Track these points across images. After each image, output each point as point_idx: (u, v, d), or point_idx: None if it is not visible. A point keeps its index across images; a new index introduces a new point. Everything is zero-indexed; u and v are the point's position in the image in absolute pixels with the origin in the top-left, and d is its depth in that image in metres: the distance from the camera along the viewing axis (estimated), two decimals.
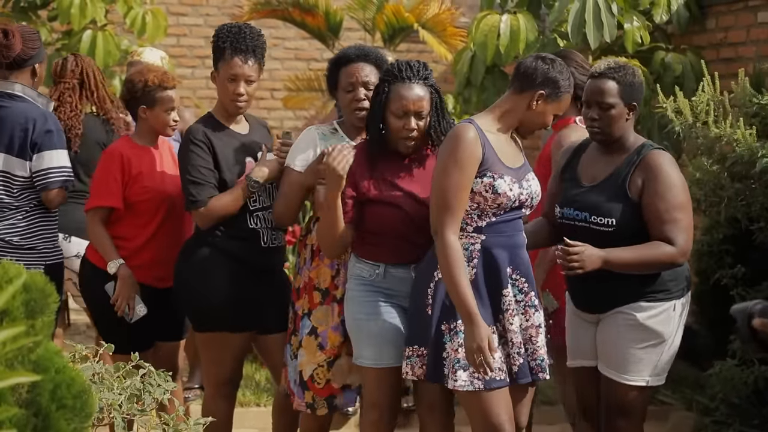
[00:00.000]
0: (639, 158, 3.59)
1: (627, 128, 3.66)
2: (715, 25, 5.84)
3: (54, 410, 2.23)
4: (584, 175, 3.71)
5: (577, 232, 3.59)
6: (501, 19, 5.57)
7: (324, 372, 3.82)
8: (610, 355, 3.67)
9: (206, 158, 3.88)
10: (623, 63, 3.73)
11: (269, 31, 9.29)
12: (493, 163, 3.43)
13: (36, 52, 4.24)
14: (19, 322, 2.18)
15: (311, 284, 3.87)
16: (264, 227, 3.96)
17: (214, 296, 3.89)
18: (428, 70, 3.67)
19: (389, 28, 7.60)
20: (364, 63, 3.80)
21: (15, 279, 2.18)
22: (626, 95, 3.61)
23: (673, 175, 3.56)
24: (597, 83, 3.64)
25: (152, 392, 3.16)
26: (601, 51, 5.72)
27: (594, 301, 3.70)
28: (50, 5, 6.97)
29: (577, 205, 3.65)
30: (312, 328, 3.83)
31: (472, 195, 3.42)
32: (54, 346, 2.37)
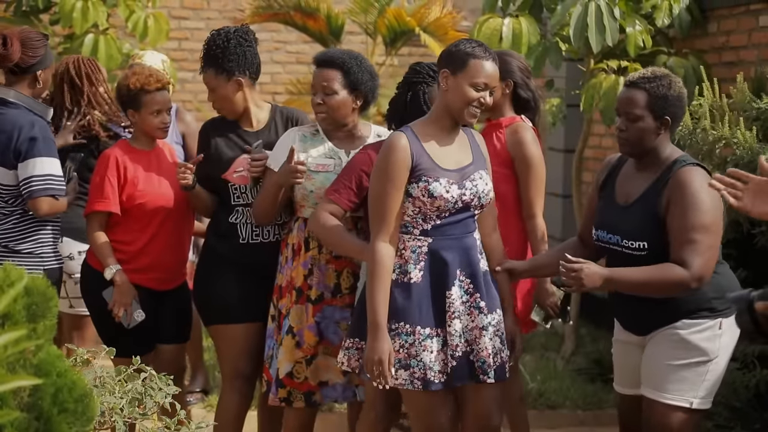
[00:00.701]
0: (670, 175, 3.39)
1: (660, 143, 3.44)
2: (716, 29, 5.83)
3: (55, 414, 2.23)
4: (619, 193, 3.52)
5: (611, 256, 3.49)
6: (503, 23, 5.57)
7: (303, 368, 3.90)
8: (650, 373, 3.49)
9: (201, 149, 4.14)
10: (662, 73, 3.47)
11: (271, 35, 9.31)
12: (427, 167, 3.46)
13: (38, 59, 4.20)
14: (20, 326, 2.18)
15: (291, 284, 3.94)
16: (244, 222, 4.06)
17: (211, 290, 4.08)
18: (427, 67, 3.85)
19: (391, 32, 7.59)
20: (325, 69, 3.90)
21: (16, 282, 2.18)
22: (657, 107, 3.40)
23: (701, 194, 3.31)
24: (626, 92, 3.45)
25: (154, 396, 3.16)
26: (603, 55, 5.72)
27: (638, 321, 3.55)
28: (52, 9, 6.97)
29: (609, 228, 3.49)
30: (289, 326, 3.91)
31: (412, 200, 3.47)
32: (55, 349, 2.37)
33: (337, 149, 3.93)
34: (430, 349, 3.47)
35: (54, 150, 4.21)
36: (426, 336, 3.48)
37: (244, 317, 4.06)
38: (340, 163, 3.90)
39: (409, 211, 3.49)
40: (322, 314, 3.88)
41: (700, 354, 3.44)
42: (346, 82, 3.87)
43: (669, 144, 3.48)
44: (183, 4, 9.28)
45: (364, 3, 7.67)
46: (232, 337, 4.05)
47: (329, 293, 3.89)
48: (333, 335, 3.89)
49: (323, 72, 3.88)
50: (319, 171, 3.89)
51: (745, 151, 4.40)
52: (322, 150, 3.93)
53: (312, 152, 3.92)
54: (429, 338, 3.48)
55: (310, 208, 3.91)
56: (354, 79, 3.87)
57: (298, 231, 3.95)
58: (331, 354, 3.88)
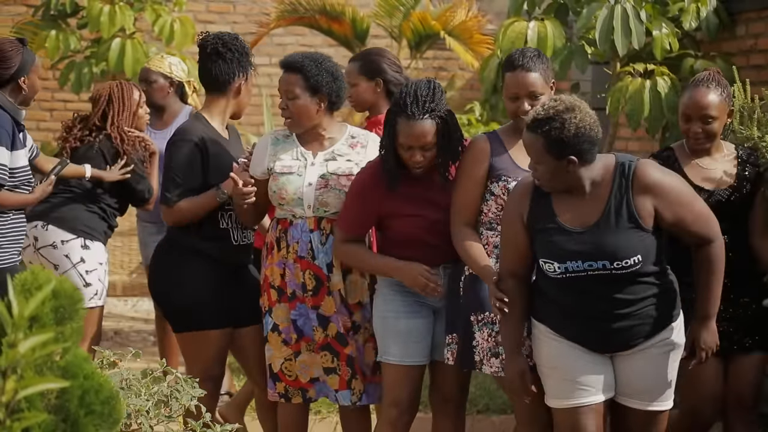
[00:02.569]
0: (628, 184, 3.30)
1: (582, 173, 3.29)
2: (744, 31, 5.79)
3: (82, 416, 2.24)
4: (566, 220, 3.33)
5: (594, 282, 3.31)
6: (528, 26, 5.55)
7: (292, 365, 3.93)
8: (649, 388, 3.42)
9: (195, 162, 4.00)
10: (554, 111, 3.25)
11: (296, 38, 9.32)
12: (506, 167, 3.62)
13: (12, 69, 4.28)
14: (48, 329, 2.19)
15: (267, 282, 3.98)
16: (234, 227, 4.09)
17: (193, 296, 4.01)
18: (436, 98, 3.67)
19: (416, 36, 7.59)
20: (286, 73, 3.93)
21: (44, 285, 2.18)
22: (555, 150, 3.24)
23: (670, 178, 3.38)
24: (526, 137, 3.31)
25: (179, 398, 3.17)
26: (629, 58, 5.68)
27: (619, 343, 3.40)
28: (80, 14, 7.01)
29: (584, 256, 3.28)
30: (274, 324, 3.94)
31: (494, 198, 3.64)
32: (82, 352, 2.37)
33: (305, 151, 3.95)
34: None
35: (6, 142, 4.20)
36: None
37: (223, 323, 4.06)
38: (305, 164, 3.91)
39: (493, 208, 3.64)
40: (297, 311, 3.92)
41: (680, 349, 3.46)
42: (307, 86, 3.87)
43: (596, 163, 3.32)
44: (209, 8, 9.31)
45: (389, 6, 7.67)
46: (210, 342, 4.03)
47: (300, 291, 3.92)
48: (310, 330, 3.91)
49: (285, 76, 3.92)
50: (284, 173, 3.91)
51: None
52: (290, 152, 3.95)
53: (281, 155, 3.94)
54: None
55: (283, 209, 3.94)
56: (314, 82, 3.87)
57: (271, 230, 4.02)
58: (313, 350, 3.90)
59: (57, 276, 2.36)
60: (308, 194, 3.89)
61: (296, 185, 3.90)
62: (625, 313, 3.34)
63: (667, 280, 3.42)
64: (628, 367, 3.42)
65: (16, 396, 1.93)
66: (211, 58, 4.04)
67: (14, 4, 8.83)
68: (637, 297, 3.34)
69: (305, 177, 3.90)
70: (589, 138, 3.25)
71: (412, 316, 3.77)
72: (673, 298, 3.43)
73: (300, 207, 3.90)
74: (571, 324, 3.40)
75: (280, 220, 3.97)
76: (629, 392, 3.45)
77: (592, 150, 3.28)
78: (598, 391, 3.41)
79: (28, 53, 4.37)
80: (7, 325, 1.94)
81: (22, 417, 1.97)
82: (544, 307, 3.43)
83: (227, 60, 4.03)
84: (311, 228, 3.90)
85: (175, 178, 4.00)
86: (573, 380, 3.39)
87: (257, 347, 4.09)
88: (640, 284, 3.34)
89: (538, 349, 3.47)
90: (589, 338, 3.39)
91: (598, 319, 3.35)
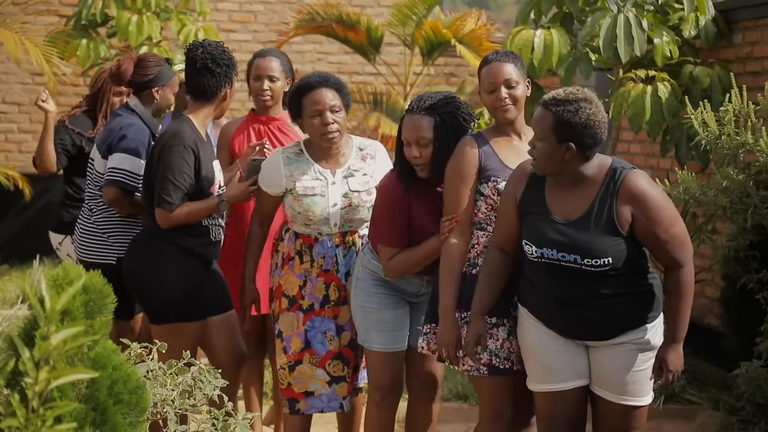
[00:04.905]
0: (617, 188, 3.25)
1: (576, 164, 3.25)
2: (741, 39, 5.76)
3: (111, 405, 2.25)
4: (554, 209, 3.31)
5: (564, 272, 3.29)
6: (535, 34, 5.54)
7: (286, 374, 3.92)
8: (622, 383, 3.36)
9: (191, 166, 3.95)
10: (574, 96, 3.23)
11: (314, 46, 9.33)
12: (496, 167, 3.54)
13: (149, 77, 4.39)
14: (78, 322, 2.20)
15: (280, 290, 3.97)
16: (214, 224, 4.08)
17: (173, 289, 3.96)
18: (440, 100, 3.65)
19: (428, 43, 7.59)
20: (326, 88, 3.83)
21: (75, 281, 2.20)
22: (560, 132, 3.22)
23: (656, 193, 3.26)
24: (537, 111, 3.26)
25: (203, 388, 3.18)
26: (631, 64, 5.67)
27: (590, 332, 3.36)
28: (109, 23, 7.04)
29: (560, 246, 3.26)
30: (279, 331, 3.94)
31: (484, 198, 3.56)
32: (111, 344, 2.39)
33: (322, 170, 3.89)
34: (496, 337, 3.52)
35: (138, 151, 4.30)
36: (493, 324, 3.52)
37: (199, 315, 4.04)
38: (326, 183, 3.87)
39: (483, 209, 3.57)
40: (312, 323, 3.90)
41: (654, 350, 3.37)
42: (344, 102, 3.87)
43: (592, 161, 3.29)
44: (231, 17, 9.33)
45: (403, 16, 7.68)
46: (186, 334, 3.99)
47: (318, 304, 3.90)
48: (320, 345, 3.90)
49: (329, 92, 3.85)
50: (307, 194, 3.86)
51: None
52: (308, 172, 3.88)
53: (298, 176, 3.87)
54: (496, 327, 3.52)
55: (300, 225, 3.92)
56: (347, 99, 3.89)
57: (288, 242, 3.97)
58: (317, 364, 3.89)
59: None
60: (335, 214, 3.87)
61: (322, 206, 3.86)
62: (594, 304, 3.28)
63: (644, 282, 3.33)
64: (602, 360, 3.37)
65: (49, 386, 1.94)
66: (200, 72, 3.97)
67: (47, 15, 8.88)
68: (607, 293, 3.27)
69: (329, 197, 3.86)
70: (594, 133, 3.21)
71: (394, 307, 3.79)
72: (650, 300, 3.34)
73: (326, 226, 3.88)
74: (545, 307, 3.36)
75: (302, 235, 3.93)
76: (603, 384, 3.39)
77: (592, 146, 3.25)
78: (570, 378, 3.37)
79: (168, 70, 4.47)
80: (40, 318, 1.95)
81: (55, 406, 1.98)
82: (525, 289, 3.43)
83: (216, 74, 3.98)
84: (337, 243, 3.90)
85: (175, 182, 3.89)
86: (546, 364, 3.38)
87: (223, 337, 4.08)
88: (610, 283, 3.27)
89: (520, 332, 3.48)
90: (560, 323, 3.36)
91: (569, 305, 3.31)
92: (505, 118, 3.58)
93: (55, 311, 1.94)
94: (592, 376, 3.41)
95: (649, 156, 6.65)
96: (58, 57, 6.85)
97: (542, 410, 3.44)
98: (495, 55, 3.63)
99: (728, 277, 5.08)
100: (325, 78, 3.87)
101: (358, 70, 9.34)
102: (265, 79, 4.44)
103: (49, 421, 1.94)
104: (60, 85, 7.84)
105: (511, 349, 3.53)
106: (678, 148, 5.55)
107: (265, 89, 4.43)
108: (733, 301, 5.08)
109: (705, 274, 5.91)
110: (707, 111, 4.68)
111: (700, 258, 6.10)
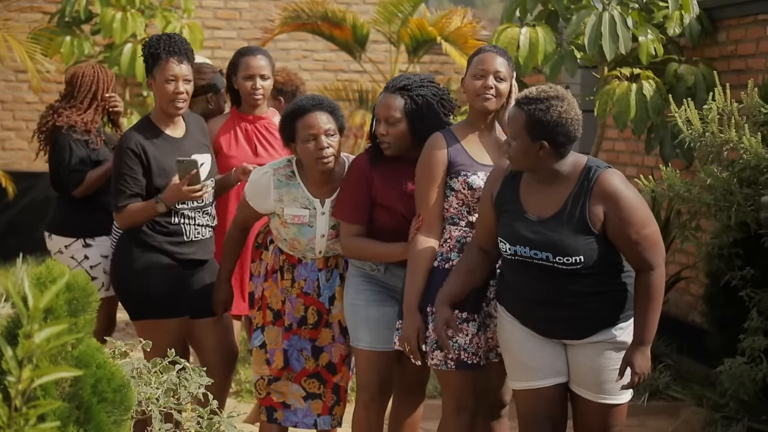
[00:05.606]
0: (590, 187, 3.24)
1: (551, 162, 3.25)
2: (726, 37, 5.79)
3: (95, 403, 2.24)
4: (528, 207, 3.31)
5: (540, 270, 3.28)
6: (520, 32, 5.54)
7: (263, 384, 3.91)
8: (598, 381, 3.35)
9: (135, 168, 3.96)
10: (545, 95, 3.22)
11: (299, 44, 9.32)
12: (465, 162, 3.56)
13: (203, 82, 4.43)
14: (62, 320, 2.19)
15: (265, 302, 3.93)
16: (187, 224, 4.05)
17: (147, 286, 3.99)
18: (415, 82, 3.65)
19: (413, 41, 7.59)
20: (320, 112, 3.76)
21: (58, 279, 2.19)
22: (533, 130, 3.20)
23: (629, 194, 3.23)
24: (510, 110, 3.33)
25: (187, 387, 3.17)
26: (616, 62, 5.69)
27: (565, 331, 3.35)
28: (93, 20, 7.01)
29: (533, 244, 3.26)
30: (263, 342, 3.91)
31: (455, 193, 3.57)
32: (95, 342, 2.38)
33: (312, 198, 3.82)
34: (465, 332, 3.53)
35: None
36: (463, 320, 3.53)
37: (175, 312, 4.04)
38: (314, 213, 3.81)
39: (454, 204, 3.57)
40: (290, 342, 3.88)
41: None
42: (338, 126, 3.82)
43: (567, 157, 3.28)
44: (216, 14, 9.31)
45: (388, 13, 7.67)
46: (164, 331, 3.99)
47: (296, 324, 3.88)
48: (296, 362, 3.88)
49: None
50: (294, 222, 3.82)
51: (752, 156, 4.36)
52: (298, 199, 3.82)
53: (287, 200, 3.82)
54: (466, 322, 3.54)
55: (285, 248, 3.89)
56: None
57: (273, 254, 3.93)
58: (293, 380, 3.88)
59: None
60: (320, 243, 3.83)
61: (308, 237, 3.82)
62: (567, 303, 3.28)
63: (618, 281, 3.32)
64: (579, 358, 3.36)
65: (32, 384, 1.93)
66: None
67: (31, 12, 8.85)
68: (579, 291, 3.27)
69: (317, 228, 3.81)
70: (567, 131, 3.20)
71: (381, 305, 3.75)
72: (624, 299, 3.32)
73: (311, 252, 3.85)
74: (521, 306, 3.36)
75: (286, 252, 3.90)
76: (580, 382, 3.39)
77: (566, 144, 3.24)
78: (547, 375, 3.37)
79: (220, 78, 4.54)
80: (24, 316, 1.94)
81: (38, 404, 1.97)
82: (502, 288, 3.44)
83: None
84: (320, 267, 3.87)
85: (117, 185, 3.97)
86: (524, 363, 3.38)
87: (213, 338, 4.10)
88: (582, 282, 3.26)
89: (498, 330, 3.49)
90: (535, 322, 3.36)
91: (542, 304, 3.31)
92: (484, 107, 3.58)
93: (38, 309, 1.93)
94: (570, 374, 3.41)
95: (634, 153, 6.67)
96: (42, 54, 6.82)
97: (522, 408, 3.44)
98: (491, 47, 3.66)
99: (712, 274, 5.10)
100: (319, 101, 3.80)
101: (344, 67, 9.34)
102: (258, 78, 4.40)
103: (32, 419, 1.93)
104: (44, 82, 7.81)
105: (479, 344, 3.55)
106: (662, 146, 5.57)
107: (257, 88, 4.39)
108: (717, 299, 5.10)
109: (689, 271, 5.94)
110: (691, 109, 4.70)
111: (684, 255, 6.12)
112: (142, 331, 4.01)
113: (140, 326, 4.05)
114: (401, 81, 3.69)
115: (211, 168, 4.13)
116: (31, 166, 8.80)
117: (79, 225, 4.71)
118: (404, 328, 3.56)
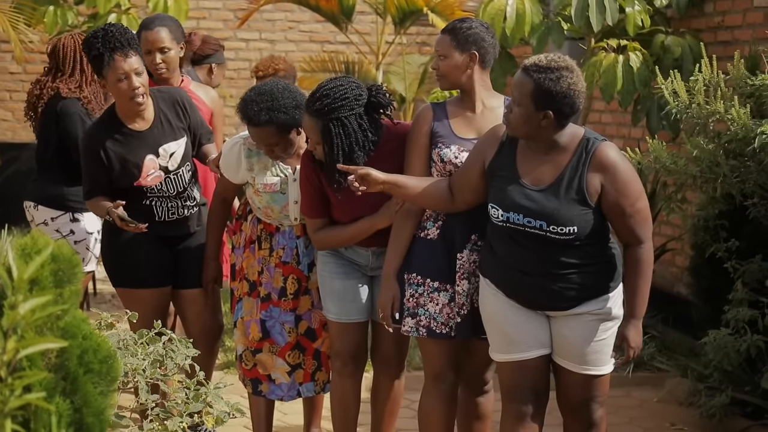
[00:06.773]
0: (588, 159, 3.24)
1: (552, 132, 3.25)
2: (712, 9, 5.78)
3: (81, 374, 2.23)
4: (524, 174, 3.30)
5: (528, 239, 3.29)
6: (507, 3, 5.53)
7: (249, 356, 3.92)
8: (582, 353, 3.35)
9: (96, 167, 3.96)
10: (556, 65, 3.18)
11: (285, 15, 9.26)
12: (444, 134, 3.57)
13: (211, 54, 4.94)
14: (47, 291, 2.18)
15: (242, 273, 3.95)
16: (158, 204, 4.06)
17: (126, 257, 4.08)
18: (326, 105, 3.50)
19: (400, 12, 7.54)
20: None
21: (43, 250, 2.18)
22: (539, 100, 3.18)
23: (625, 166, 3.25)
24: (517, 76, 3.26)
25: (174, 357, 3.17)
26: (603, 34, 5.68)
27: (549, 302, 3.34)
28: None
29: (527, 212, 3.26)
30: (242, 315, 3.94)
31: (433, 164, 3.59)
32: (81, 313, 2.37)
33: (283, 166, 3.82)
34: (436, 302, 3.57)
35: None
36: (434, 289, 3.57)
37: (150, 283, 4.07)
38: (286, 180, 3.81)
39: (434, 175, 3.59)
40: (269, 313, 3.87)
41: (616, 320, 3.37)
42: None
43: (566, 129, 3.27)
44: None
45: None
46: (141, 300, 4.02)
47: (276, 295, 3.87)
48: (278, 335, 3.88)
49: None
50: (266, 191, 3.81)
51: (739, 127, 4.37)
52: (269, 167, 3.81)
53: (258, 169, 3.81)
54: (437, 291, 3.57)
55: (261, 216, 3.91)
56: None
57: (251, 224, 3.94)
58: (277, 354, 3.88)
59: None
60: (294, 210, 3.82)
61: (281, 204, 3.82)
62: (555, 273, 3.28)
63: (606, 253, 3.34)
64: (562, 330, 3.37)
65: (18, 355, 1.93)
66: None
67: None
68: (569, 262, 3.28)
69: (289, 194, 3.81)
70: (573, 102, 3.20)
71: (346, 277, 3.76)
72: (611, 270, 3.35)
73: (287, 219, 3.86)
74: (507, 277, 3.37)
75: (263, 221, 3.90)
76: (564, 354, 3.39)
77: (569, 115, 3.24)
78: (530, 347, 3.38)
79: (222, 54, 5.10)
80: (8, 287, 1.93)
81: (24, 375, 1.97)
82: (487, 260, 3.44)
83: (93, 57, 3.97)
84: (297, 234, 3.87)
85: (84, 177, 4.04)
86: (507, 334, 3.39)
87: (194, 310, 4.14)
88: (573, 252, 3.27)
89: (481, 302, 3.49)
90: (520, 292, 3.36)
91: (528, 274, 3.32)
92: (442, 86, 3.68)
93: (23, 280, 1.92)
94: (554, 346, 3.42)
95: (621, 125, 6.68)
96: (25, 24, 6.75)
97: (505, 380, 3.45)
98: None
99: (697, 246, 5.13)
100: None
101: (330, 38, 9.29)
102: (156, 53, 4.38)
103: (17, 390, 1.92)
104: (27, 52, 7.74)
105: (450, 315, 3.57)
106: (649, 118, 5.57)
107: (158, 63, 4.38)
108: (702, 270, 5.13)
109: (675, 243, 5.96)
110: (678, 80, 4.69)
111: (670, 227, 6.15)
112: (123, 299, 4.13)
113: (120, 294, 4.18)
114: (315, 103, 3.52)
115: (185, 152, 4.09)
116: (15, 136, 8.74)
117: (70, 199, 4.68)
118: (380, 295, 3.63)
